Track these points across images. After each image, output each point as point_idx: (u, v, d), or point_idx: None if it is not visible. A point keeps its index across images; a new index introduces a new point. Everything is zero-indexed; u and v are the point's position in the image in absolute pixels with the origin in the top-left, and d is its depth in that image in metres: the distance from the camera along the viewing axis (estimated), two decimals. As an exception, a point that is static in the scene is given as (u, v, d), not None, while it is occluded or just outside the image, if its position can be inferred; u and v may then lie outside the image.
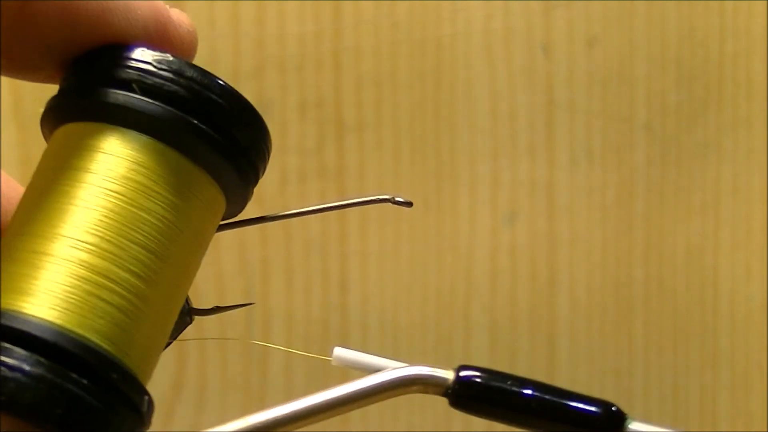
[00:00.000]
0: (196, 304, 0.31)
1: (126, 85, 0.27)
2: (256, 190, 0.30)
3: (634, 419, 0.27)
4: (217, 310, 0.31)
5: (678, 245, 0.63)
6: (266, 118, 0.30)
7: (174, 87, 0.27)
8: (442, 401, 0.66)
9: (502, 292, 0.61)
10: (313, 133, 0.59)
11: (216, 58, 0.58)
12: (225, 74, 0.30)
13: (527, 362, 0.61)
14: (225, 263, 0.58)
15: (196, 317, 0.30)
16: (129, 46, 0.27)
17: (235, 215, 0.30)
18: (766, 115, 0.63)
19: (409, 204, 0.30)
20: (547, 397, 0.27)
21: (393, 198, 0.30)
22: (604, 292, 0.62)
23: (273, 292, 0.59)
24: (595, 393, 0.68)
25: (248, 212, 0.63)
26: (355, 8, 0.59)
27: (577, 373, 0.62)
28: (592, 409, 0.27)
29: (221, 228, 0.31)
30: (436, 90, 0.60)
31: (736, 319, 0.64)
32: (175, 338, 0.30)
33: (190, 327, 0.30)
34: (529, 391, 0.27)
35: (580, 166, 0.61)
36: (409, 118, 0.60)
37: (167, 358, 0.28)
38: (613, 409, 0.27)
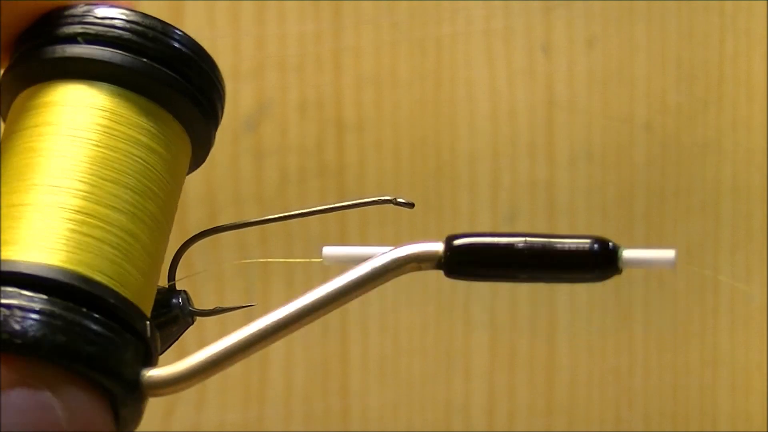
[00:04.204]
0: (197, 304, 0.31)
1: (71, 38, 0.27)
2: (255, 190, 0.30)
3: (625, 248, 0.27)
4: (218, 311, 0.31)
5: (678, 245, 0.63)
6: (266, 118, 0.30)
7: (118, 31, 0.27)
8: (441, 401, 0.66)
9: (502, 292, 0.61)
10: (313, 133, 0.59)
11: (216, 58, 0.58)
12: (225, 74, 0.30)
13: (527, 362, 0.62)
14: (225, 263, 0.58)
15: (198, 318, 0.30)
16: (69, 6, 0.28)
17: (204, 158, 0.30)
18: (766, 115, 0.63)
19: (410, 205, 0.30)
20: (538, 244, 0.27)
21: (395, 199, 0.30)
22: (604, 292, 0.62)
23: (273, 292, 0.59)
24: (595, 394, 0.68)
25: (249, 213, 0.63)
26: (355, 8, 0.59)
27: (577, 373, 0.62)
28: (587, 246, 0.27)
29: (223, 229, 0.31)
30: (436, 90, 0.60)
31: (736, 319, 0.64)
32: (176, 340, 0.30)
33: (191, 328, 0.30)
34: (519, 243, 0.27)
35: (580, 166, 0.61)
36: (409, 118, 0.60)
37: (167, 358, 0.28)
38: (609, 244, 0.27)
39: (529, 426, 0.62)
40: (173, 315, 0.29)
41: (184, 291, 0.30)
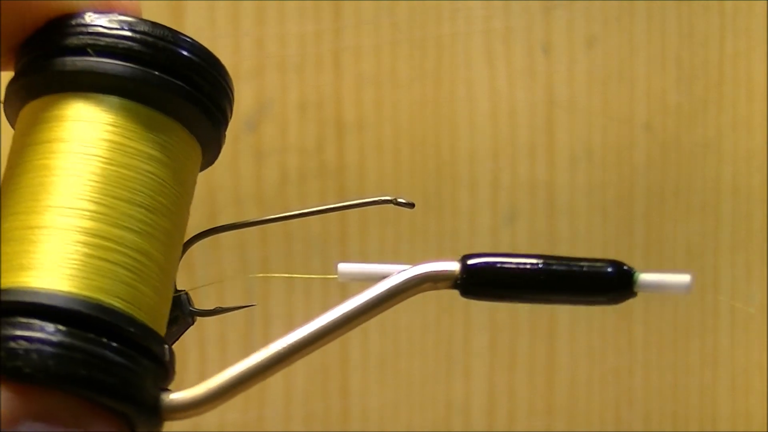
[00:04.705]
0: (198, 304, 0.31)
1: (80, 50, 0.27)
2: (255, 190, 0.30)
3: (641, 272, 0.27)
4: (218, 311, 0.31)
5: (678, 245, 0.63)
6: (266, 118, 0.30)
7: (129, 43, 0.27)
8: (441, 401, 0.66)
9: (502, 292, 0.61)
10: (313, 133, 0.59)
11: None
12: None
13: (527, 362, 0.61)
14: (225, 263, 0.58)
15: (198, 318, 0.30)
16: (76, 15, 0.27)
17: (212, 162, 0.30)
18: (766, 115, 0.63)
19: (411, 205, 0.30)
20: (554, 267, 0.27)
21: (395, 199, 0.30)
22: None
23: (273, 292, 0.59)
24: (595, 394, 0.68)
25: (249, 213, 0.63)
26: (355, 8, 0.59)
27: (577, 373, 0.62)
28: (604, 270, 0.27)
29: (223, 229, 0.31)
30: (436, 90, 0.60)
31: (736, 319, 0.64)
32: (176, 340, 0.30)
33: (191, 328, 0.30)
34: (536, 265, 0.27)
35: (580, 166, 0.61)
36: (409, 118, 0.60)
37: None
38: (624, 268, 0.27)
39: (529, 426, 0.62)
40: (173, 315, 0.29)
41: (185, 291, 0.30)
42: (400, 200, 0.30)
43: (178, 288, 0.30)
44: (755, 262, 0.64)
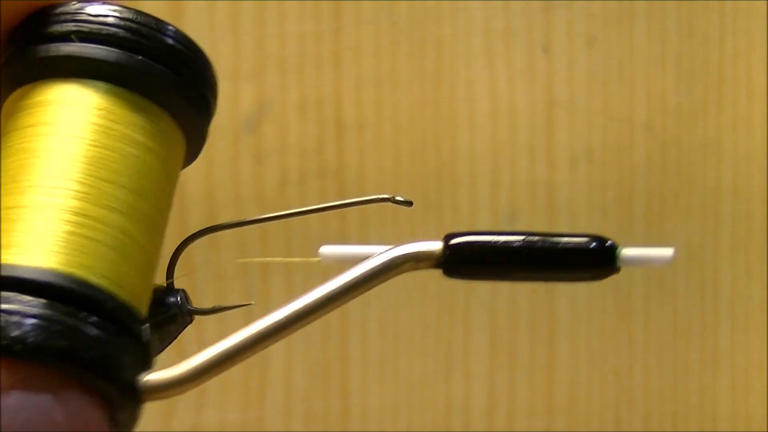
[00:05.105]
0: (196, 303, 0.31)
1: (64, 37, 0.27)
2: (255, 190, 0.30)
3: (624, 246, 0.27)
4: (217, 309, 0.31)
5: (678, 245, 0.63)
6: (266, 118, 0.30)
7: (112, 29, 0.27)
8: (441, 401, 0.66)
9: (502, 293, 0.61)
10: (313, 133, 0.59)
11: (216, 58, 0.58)
12: (225, 74, 0.30)
13: (527, 362, 0.61)
14: (221, 262, 0.58)
15: (196, 317, 0.30)
16: (61, 4, 0.28)
17: (198, 153, 0.30)
18: (766, 115, 0.63)
19: (409, 203, 0.30)
20: (537, 243, 0.27)
21: (393, 197, 0.30)
22: (604, 292, 0.62)
23: (273, 292, 0.59)
24: (595, 393, 0.68)
25: (249, 213, 0.63)
26: (355, 8, 0.59)
27: (577, 373, 0.62)
28: (586, 245, 0.27)
29: (223, 228, 0.31)
30: (436, 90, 0.60)
31: (736, 319, 0.64)
32: (174, 338, 0.30)
33: (189, 327, 0.30)
34: (518, 242, 0.27)
35: (580, 166, 0.61)
36: (409, 118, 0.60)
37: (167, 358, 0.28)
38: (607, 243, 0.27)
39: (529, 426, 0.62)
40: (172, 314, 0.29)
41: (183, 290, 0.30)
42: (398, 198, 0.30)
43: (177, 288, 0.30)
44: (755, 262, 0.64)
